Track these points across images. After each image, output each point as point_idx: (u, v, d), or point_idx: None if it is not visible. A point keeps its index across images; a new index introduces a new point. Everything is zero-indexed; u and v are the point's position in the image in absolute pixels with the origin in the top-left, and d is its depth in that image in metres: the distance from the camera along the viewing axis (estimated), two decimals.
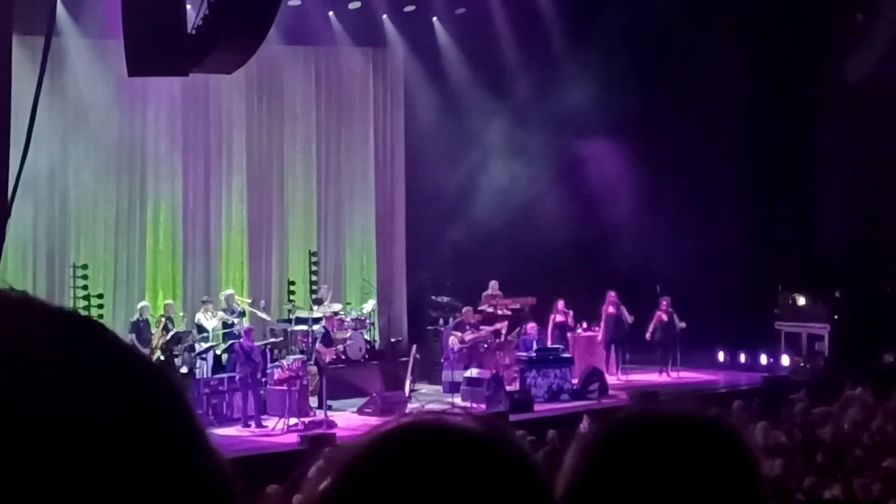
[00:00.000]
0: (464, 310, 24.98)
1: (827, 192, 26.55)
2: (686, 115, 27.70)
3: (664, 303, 25.93)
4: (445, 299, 26.85)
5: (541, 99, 27.18)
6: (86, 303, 24.02)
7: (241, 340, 21.79)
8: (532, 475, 1.44)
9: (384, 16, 27.31)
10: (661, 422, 1.93)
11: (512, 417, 20.65)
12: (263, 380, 21.80)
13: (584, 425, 18.02)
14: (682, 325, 25.72)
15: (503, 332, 24.62)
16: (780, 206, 27.63)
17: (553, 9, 27.68)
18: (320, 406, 21.48)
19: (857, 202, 26.29)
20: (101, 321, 1.17)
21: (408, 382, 23.40)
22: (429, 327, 26.67)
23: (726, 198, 27.24)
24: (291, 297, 25.45)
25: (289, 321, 24.56)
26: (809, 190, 27.29)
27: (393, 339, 27.05)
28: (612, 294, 25.77)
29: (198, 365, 22.52)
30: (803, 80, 26.98)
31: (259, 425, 21.02)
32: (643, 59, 26.49)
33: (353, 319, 25.11)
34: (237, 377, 21.50)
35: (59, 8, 21.01)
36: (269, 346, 23.16)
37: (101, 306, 24.04)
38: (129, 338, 22.47)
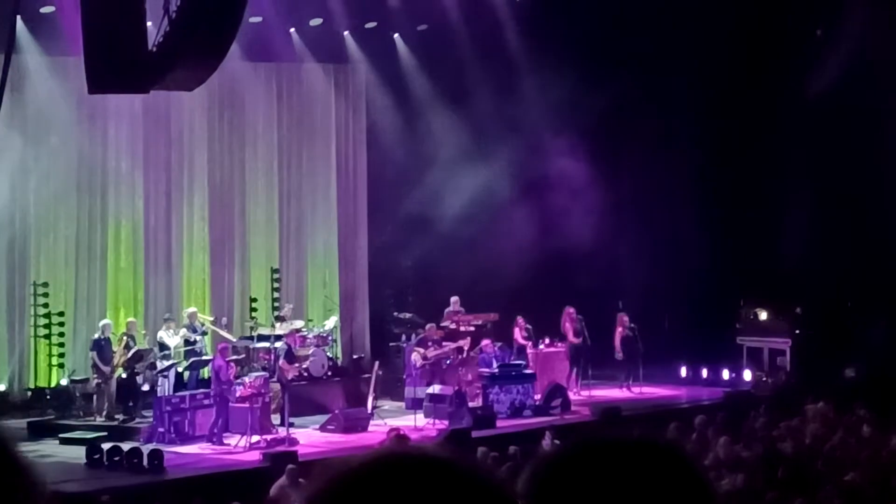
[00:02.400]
0: (426, 326, 24.95)
1: (788, 208, 26.65)
2: (648, 130, 27.79)
3: (625, 319, 25.95)
4: (408, 315, 26.83)
5: (502, 114, 27.21)
6: (46, 321, 23.91)
7: (216, 358, 21.75)
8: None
9: (346, 32, 27.28)
10: (614, 448, 1.94)
11: (475, 433, 20.66)
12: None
13: (546, 441, 18.05)
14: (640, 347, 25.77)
15: (465, 348, 24.60)
16: (742, 221, 27.69)
17: (514, 24, 27.71)
18: (282, 423, 21.39)
19: (819, 218, 26.38)
20: None
21: (370, 399, 23.33)
22: (391, 344, 26.61)
23: (688, 213, 27.28)
24: (253, 315, 25.35)
25: (251, 338, 24.47)
26: (771, 205, 27.37)
27: (355, 356, 27.03)
28: (570, 310, 25.76)
29: (160, 383, 22.42)
30: (764, 95, 27.06)
31: (220, 443, 20.93)
32: (604, 73, 26.52)
33: (315, 336, 24.99)
34: (211, 394, 21.45)
35: (19, 25, 20.91)
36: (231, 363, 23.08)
37: (62, 324, 23.94)
38: (91, 356, 22.41)
